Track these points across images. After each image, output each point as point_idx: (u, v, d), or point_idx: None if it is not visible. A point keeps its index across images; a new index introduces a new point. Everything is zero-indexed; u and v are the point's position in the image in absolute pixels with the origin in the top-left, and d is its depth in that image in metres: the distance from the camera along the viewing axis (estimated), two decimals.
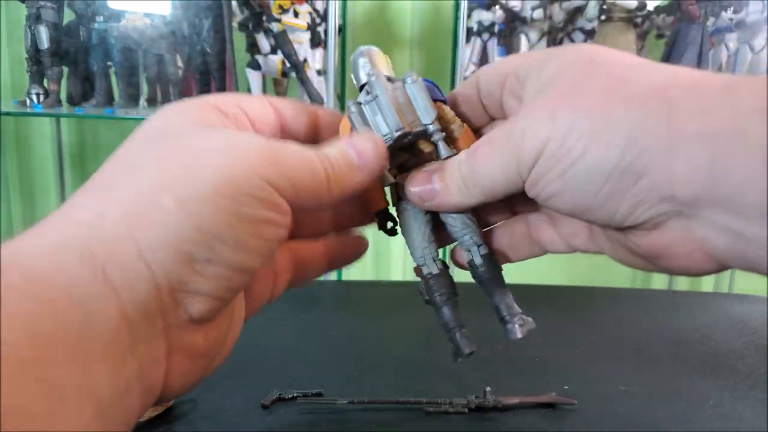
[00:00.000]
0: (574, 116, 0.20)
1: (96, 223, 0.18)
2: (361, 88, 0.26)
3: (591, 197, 0.20)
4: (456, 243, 0.27)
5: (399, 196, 0.26)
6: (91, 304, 0.17)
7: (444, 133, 0.25)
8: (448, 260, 0.28)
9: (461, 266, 0.28)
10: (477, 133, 0.28)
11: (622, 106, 0.19)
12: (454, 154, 0.25)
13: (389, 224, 0.28)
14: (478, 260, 0.26)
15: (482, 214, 0.28)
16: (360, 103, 0.25)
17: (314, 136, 0.27)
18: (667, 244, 0.21)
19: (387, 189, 0.27)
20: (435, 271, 0.26)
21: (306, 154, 0.22)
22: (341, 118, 0.27)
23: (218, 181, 0.19)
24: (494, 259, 0.27)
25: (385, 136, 0.25)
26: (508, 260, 0.29)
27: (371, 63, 0.26)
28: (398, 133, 0.24)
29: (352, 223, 0.30)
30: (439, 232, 0.27)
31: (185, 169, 0.19)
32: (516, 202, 0.28)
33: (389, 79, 0.26)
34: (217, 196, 0.19)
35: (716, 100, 0.18)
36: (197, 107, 0.23)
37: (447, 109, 0.26)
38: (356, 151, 0.23)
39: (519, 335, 0.25)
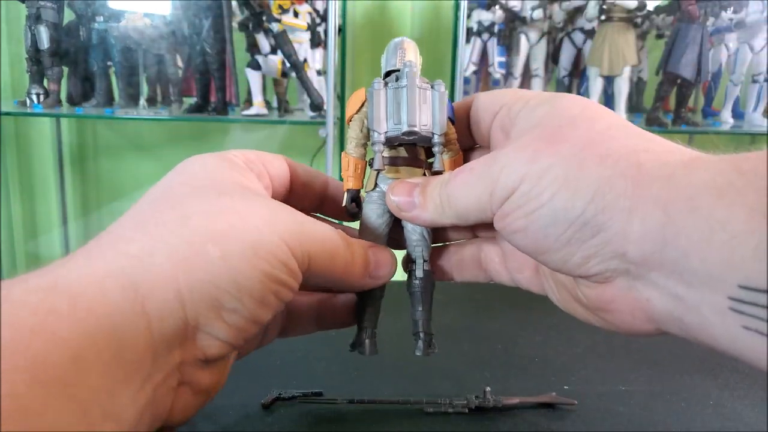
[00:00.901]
0: (552, 161, 0.21)
1: (143, 259, 0.20)
2: (387, 74, 0.27)
3: (551, 240, 0.22)
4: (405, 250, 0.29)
5: (375, 184, 0.27)
6: (125, 333, 0.18)
7: (444, 148, 0.27)
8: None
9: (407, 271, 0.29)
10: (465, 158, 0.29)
11: (596, 161, 0.21)
12: (442, 172, 0.26)
13: (353, 207, 0.28)
14: (419, 273, 0.28)
15: (444, 228, 0.29)
16: (387, 84, 0.26)
17: (320, 201, 0.30)
18: (612, 299, 0.22)
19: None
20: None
21: (331, 240, 0.24)
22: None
23: (257, 244, 0.21)
24: (432, 278, 0.28)
25: (396, 125, 0.25)
26: (451, 278, 0.30)
27: (409, 55, 0.27)
28: (409, 129, 0.25)
29: (335, 324, 0.30)
30: (393, 235, 0.28)
31: (231, 227, 0.21)
32: (479, 226, 0.29)
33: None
34: (255, 257, 0.21)
35: (678, 170, 0.19)
36: (232, 164, 0.25)
37: (453, 129, 0.27)
38: (376, 260, 0.26)
39: (421, 353, 0.27)
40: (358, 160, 0.27)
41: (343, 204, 0.28)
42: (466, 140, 0.29)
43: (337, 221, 0.30)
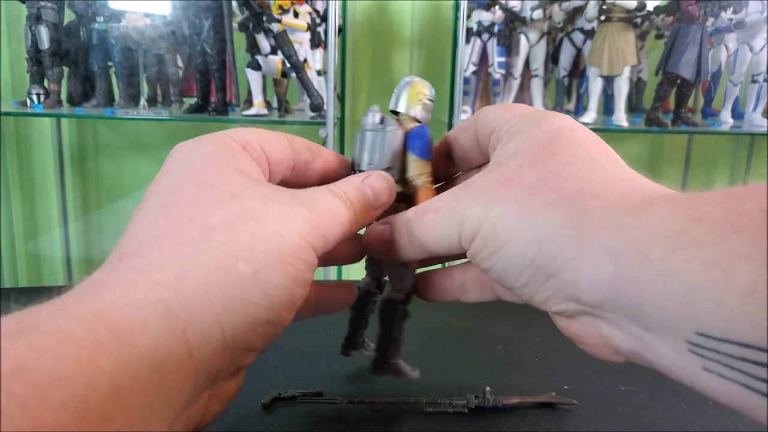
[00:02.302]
0: (504, 208, 0.22)
1: (177, 285, 0.19)
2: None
3: (511, 282, 0.22)
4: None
5: None
6: (168, 364, 0.18)
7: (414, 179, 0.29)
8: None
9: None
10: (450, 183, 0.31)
11: (543, 208, 0.21)
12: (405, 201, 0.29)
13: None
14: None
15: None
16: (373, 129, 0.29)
17: (322, 178, 0.30)
18: (579, 333, 0.23)
19: None
20: (370, 288, 0.31)
21: (338, 212, 0.24)
22: (345, 162, 0.30)
23: (281, 250, 0.21)
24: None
25: (370, 165, 0.28)
26: (457, 300, 0.31)
27: (398, 99, 0.29)
28: (356, 168, 0.29)
29: (329, 310, 0.31)
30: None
31: (253, 238, 0.21)
32: None
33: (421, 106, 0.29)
34: (281, 264, 0.21)
35: (627, 219, 0.19)
36: (229, 151, 0.24)
37: (419, 163, 0.29)
38: (372, 190, 0.26)
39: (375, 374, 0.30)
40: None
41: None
42: (478, 158, 0.29)
43: None
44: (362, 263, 0.32)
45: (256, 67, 1.25)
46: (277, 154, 0.26)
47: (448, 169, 0.31)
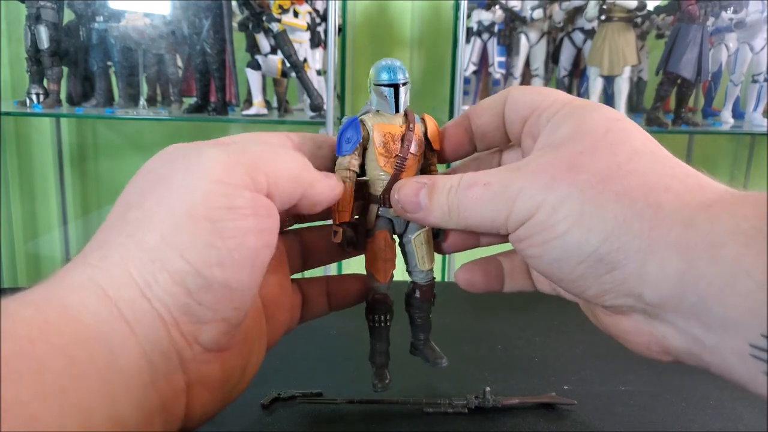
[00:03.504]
0: (568, 193, 0.21)
1: (102, 264, 0.19)
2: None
3: (564, 272, 0.21)
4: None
5: (377, 216, 0.28)
6: (113, 340, 0.18)
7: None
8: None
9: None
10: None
11: (613, 198, 0.20)
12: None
13: (353, 240, 0.28)
14: (419, 295, 0.29)
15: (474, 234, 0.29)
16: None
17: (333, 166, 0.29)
18: (629, 331, 0.22)
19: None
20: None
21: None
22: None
23: (188, 204, 0.19)
24: (431, 295, 0.30)
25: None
26: (500, 290, 0.29)
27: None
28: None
29: (345, 304, 0.31)
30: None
31: (160, 203, 0.20)
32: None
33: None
34: (192, 220, 0.19)
35: (699, 214, 0.19)
36: (202, 145, 0.23)
37: (428, 156, 0.29)
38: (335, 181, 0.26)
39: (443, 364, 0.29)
40: (350, 191, 0.27)
41: (337, 240, 0.27)
42: (502, 140, 0.28)
43: None
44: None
45: (255, 66, 1.25)
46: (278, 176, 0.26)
47: (465, 146, 0.29)
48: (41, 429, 0.15)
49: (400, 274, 0.29)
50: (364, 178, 0.28)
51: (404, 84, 0.27)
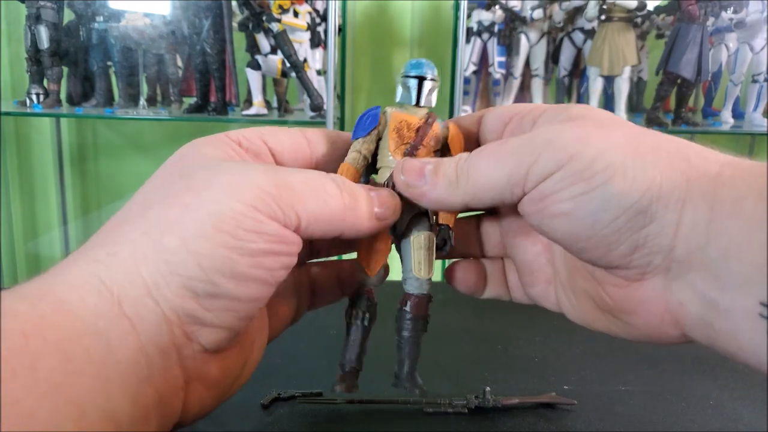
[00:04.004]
0: (605, 146, 0.20)
1: (108, 260, 0.19)
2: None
3: (599, 227, 0.20)
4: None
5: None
6: (111, 335, 0.18)
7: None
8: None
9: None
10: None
11: (650, 151, 0.20)
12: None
13: None
14: (410, 309, 0.27)
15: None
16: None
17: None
18: (642, 300, 0.21)
19: None
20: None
21: (318, 184, 0.22)
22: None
23: (217, 219, 0.20)
24: (426, 310, 0.27)
25: None
26: (478, 294, 0.29)
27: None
28: None
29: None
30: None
31: (185, 208, 0.20)
32: (485, 223, 0.29)
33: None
34: (216, 233, 0.20)
35: (725, 169, 0.19)
36: (215, 142, 0.24)
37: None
38: (379, 200, 0.24)
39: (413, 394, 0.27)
40: (355, 172, 0.26)
41: None
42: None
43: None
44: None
45: (255, 66, 1.25)
46: (284, 145, 0.25)
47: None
48: (35, 426, 0.15)
49: (400, 273, 0.29)
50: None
51: (431, 80, 0.27)
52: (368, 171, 0.28)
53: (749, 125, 1.37)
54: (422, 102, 0.27)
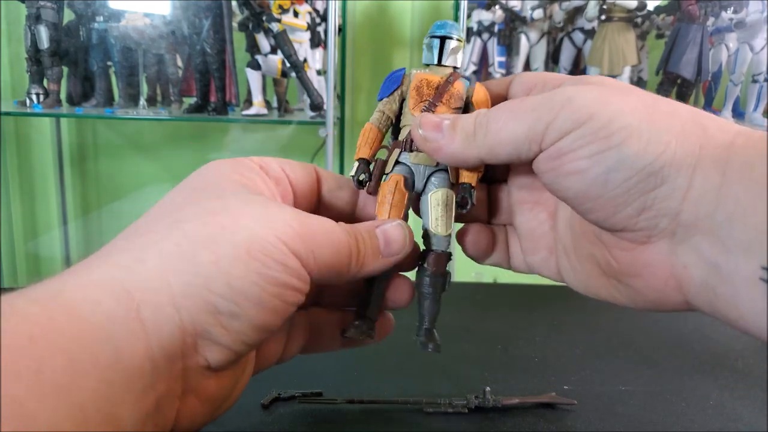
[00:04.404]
0: (622, 107, 0.21)
1: (135, 267, 0.20)
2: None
3: (611, 186, 0.21)
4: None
5: (397, 162, 0.27)
6: (121, 340, 0.18)
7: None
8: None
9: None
10: None
11: (666, 117, 0.21)
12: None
13: (362, 177, 0.27)
14: (431, 267, 0.27)
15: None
16: None
17: (350, 208, 0.29)
18: (648, 264, 0.22)
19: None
20: None
21: (334, 234, 0.23)
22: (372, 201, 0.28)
23: (251, 245, 0.21)
24: (445, 267, 0.27)
25: None
26: (479, 260, 0.29)
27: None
28: None
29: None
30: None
31: (222, 229, 0.21)
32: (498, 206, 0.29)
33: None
34: (249, 258, 0.20)
35: (738, 137, 0.20)
36: (241, 166, 0.24)
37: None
38: (385, 238, 0.25)
39: (427, 349, 0.27)
40: (377, 132, 0.27)
41: (351, 173, 0.27)
42: None
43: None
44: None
45: (255, 66, 1.25)
46: (299, 177, 0.27)
47: None
48: (36, 427, 0.15)
49: None
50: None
51: (456, 40, 0.27)
52: (395, 131, 0.28)
53: (749, 125, 1.37)
54: (444, 61, 0.27)
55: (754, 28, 1.29)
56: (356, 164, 0.27)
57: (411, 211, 0.28)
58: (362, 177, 0.27)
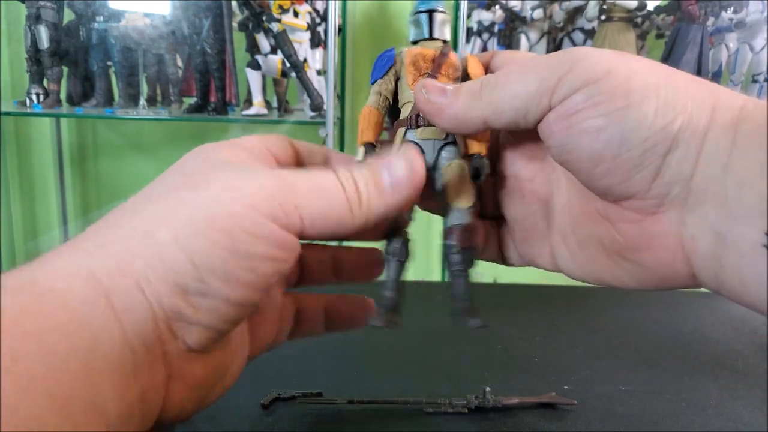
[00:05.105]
0: (638, 67, 0.20)
1: (99, 252, 0.19)
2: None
3: (626, 147, 0.20)
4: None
5: (403, 141, 0.26)
6: (97, 326, 0.18)
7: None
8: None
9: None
10: None
11: (683, 80, 0.20)
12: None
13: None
14: (456, 241, 0.25)
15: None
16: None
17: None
18: (656, 235, 0.21)
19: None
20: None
21: (322, 182, 0.21)
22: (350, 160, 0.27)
23: (214, 217, 0.19)
24: (472, 241, 0.26)
25: None
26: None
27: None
28: None
29: (355, 276, 0.29)
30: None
31: (182, 205, 0.20)
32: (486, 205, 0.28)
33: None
34: (212, 231, 0.19)
35: (748, 103, 0.20)
36: (224, 145, 0.23)
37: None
38: (390, 173, 0.22)
39: (474, 325, 0.25)
40: (378, 113, 0.26)
41: (358, 159, 0.26)
42: None
43: None
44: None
45: (255, 66, 1.25)
46: (280, 149, 0.26)
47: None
48: (18, 417, 0.15)
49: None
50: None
51: (442, 12, 0.27)
52: (392, 113, 0.27)
53: None
54: (435, 34, 0.27)
55: (754, 28, 1.29)
56: (361, 149, 0.26)
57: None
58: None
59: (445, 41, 0.27)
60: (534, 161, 0.26)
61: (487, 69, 0.27)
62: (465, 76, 0.27)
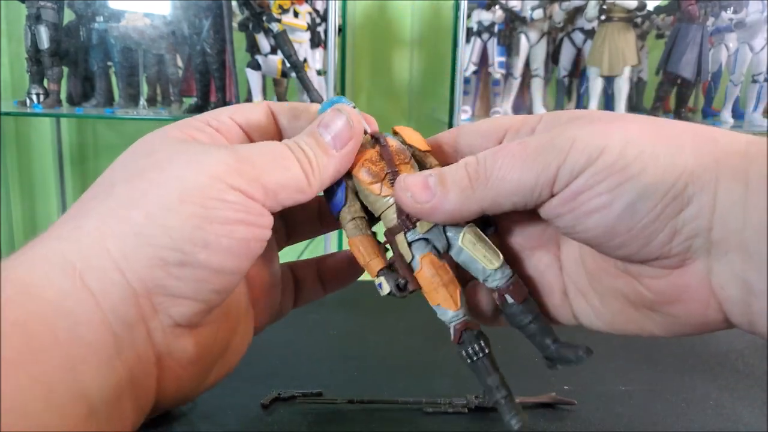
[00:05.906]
0: (630, 136, 0.20)
1: (72, 235, 0.20)
2: None
3: (637, 218, 0.20)
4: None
5: (409, 245, 0.25)
6: (76, 312, 0.18)
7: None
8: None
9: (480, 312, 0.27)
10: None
11: (675, 137, 0.20)
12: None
13: (401, 281, 0.25)
14: (512, 299, 0.25)
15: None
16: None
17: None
18: (686, 287, 0.21)
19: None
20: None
21: (277, 154, 0.22)
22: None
23: (182, 191, 0.20)
24: (526, 293, 0.25)
25: None
26: (487, 323, 0.28)
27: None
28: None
29: (342, 281, 0.30)
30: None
31: (151, 184, 0.20)
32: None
33: None
34: (182, 204, 0.20)
35: (750, 147, 0.19)
36: (181, 125, 0.24)
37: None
38: (328, 130, 0.24)
39: (579, 359, 0.25)
40: (368, 238, 0.25)
41: (385, 293, 0.25)
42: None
43: None
44: None
45: (255, 66, 1.25)
46: (251, 118, 0.26)
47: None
48: (2, 405, 0.15)
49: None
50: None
51: (353, 108, 0.26)
52: (372, 223, 0.26)
53: (749, 125, 1.37)
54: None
55: (754, 28, 1.29)
56: (380, 278, 0.25)
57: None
58: (399, 281, 0.24)
59: (365, 132, 0.26)
60: (534, 217, 0.24)
61: (455, 147, 0.26)
62: (409, 146, 0.26)
